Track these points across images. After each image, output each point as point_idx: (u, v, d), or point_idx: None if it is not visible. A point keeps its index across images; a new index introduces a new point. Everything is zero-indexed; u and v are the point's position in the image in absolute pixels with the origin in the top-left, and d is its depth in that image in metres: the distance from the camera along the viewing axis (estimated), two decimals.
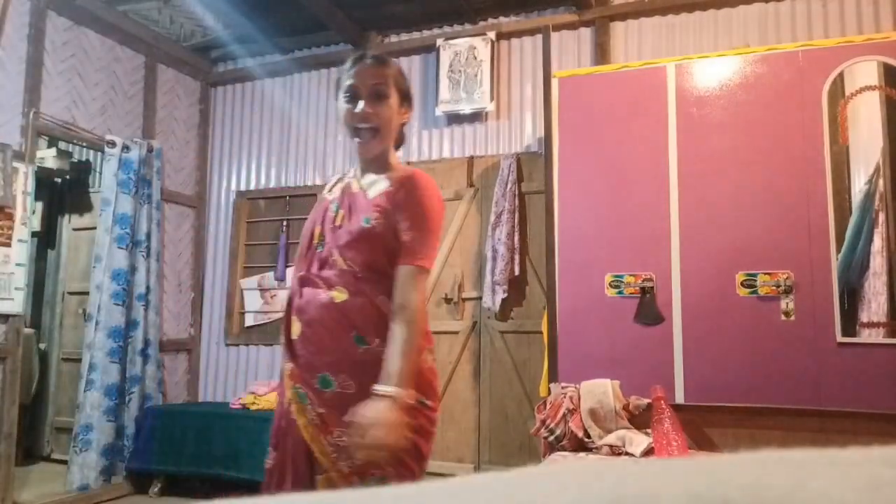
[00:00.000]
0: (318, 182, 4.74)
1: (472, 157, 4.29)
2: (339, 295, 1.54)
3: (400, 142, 1.72)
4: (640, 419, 2.89)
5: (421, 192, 1.56)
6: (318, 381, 1.51)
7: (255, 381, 4.58)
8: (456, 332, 4.14)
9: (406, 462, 1.50)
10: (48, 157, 4.89)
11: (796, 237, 2.89)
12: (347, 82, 1.60)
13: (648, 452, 2.67)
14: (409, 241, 1.53)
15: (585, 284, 3.16)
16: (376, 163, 1.65)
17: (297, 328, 1.58)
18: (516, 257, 3.96)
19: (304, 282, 1.61)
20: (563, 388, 3.02)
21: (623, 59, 3.95)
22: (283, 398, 1.60)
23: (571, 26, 4.16)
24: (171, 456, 3.99)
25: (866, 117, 2.88)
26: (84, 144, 4.24)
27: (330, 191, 1.73)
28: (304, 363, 1.54)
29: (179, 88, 4.86)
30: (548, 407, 3.00)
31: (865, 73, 2.90)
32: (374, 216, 1.55)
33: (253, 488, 3.69)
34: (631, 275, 3.10)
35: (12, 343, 3.56)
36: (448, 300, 4.18)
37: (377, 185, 1.62)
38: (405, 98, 1.66)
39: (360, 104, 1.58)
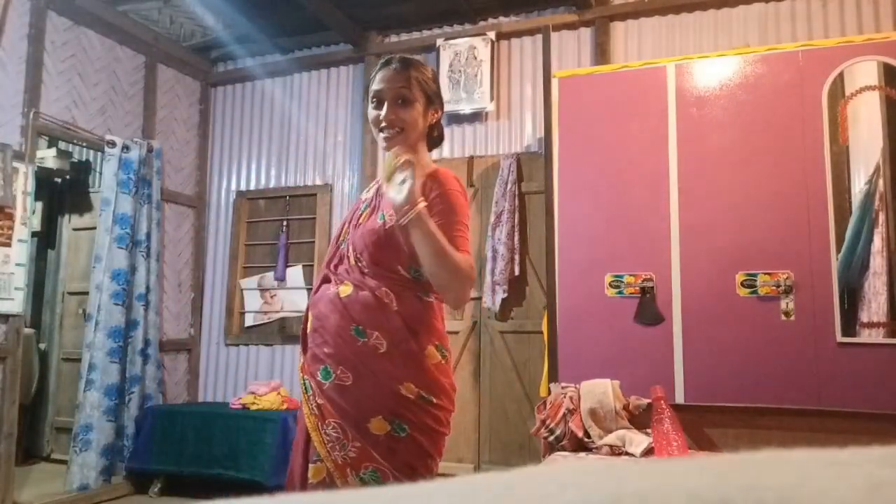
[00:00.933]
0: (318, 182, 4.75)
1: (472, 157, 4.29)
2: (345, 289, 1.59)
3: (436, 142, 1.76)
4: (640, 419, 2.88)
5: (442, 188, 1.58)
6: (321, 373, 1.57)
7: (254, 381, 4.59)
8: (456, 332, 4.14)
9: (406, 458, 1.50)
10: (48, 157, 4.89)
11: (796, 237, 2.89)
12: (374, 88, 1.65)
13: (648, 452, 2.67)
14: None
15: (585, 284, 3.16)
16: None
17: (310, 322, 1.65)
18: (516, 257, 3.96)
19: (325, 278, 1.68)
20: (563, 388, 3.02)
21: (623, 59, 3.95)
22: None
23: (571, 26, 4.17)
24: (171, 456, 3.99)
25: (866, 117, 2.88)
26: (84, 144, 4.24)
27: (367, 191, 1.79)
28: (311, 355, 1.61)
29: (179, 88, 4.86)
30: (548, 407, 3.00)
31: (865, 73, 2.90)
32: (389, 213, 1.57)
33: (253, 488, 3.69)
34: (631, 275, 3.10)
35: (12, 343, 3.56)
36: None
37: None
38: (432, 99, 1.69)
39: (385, 109, 1.62)
